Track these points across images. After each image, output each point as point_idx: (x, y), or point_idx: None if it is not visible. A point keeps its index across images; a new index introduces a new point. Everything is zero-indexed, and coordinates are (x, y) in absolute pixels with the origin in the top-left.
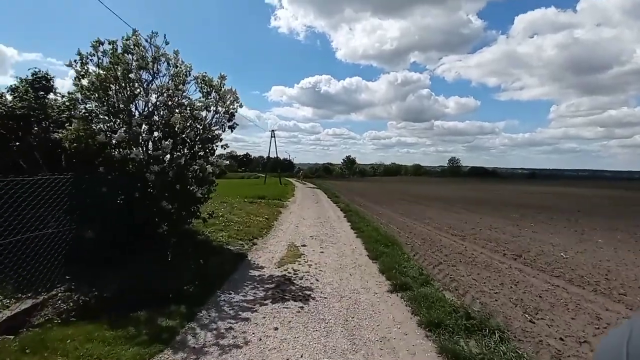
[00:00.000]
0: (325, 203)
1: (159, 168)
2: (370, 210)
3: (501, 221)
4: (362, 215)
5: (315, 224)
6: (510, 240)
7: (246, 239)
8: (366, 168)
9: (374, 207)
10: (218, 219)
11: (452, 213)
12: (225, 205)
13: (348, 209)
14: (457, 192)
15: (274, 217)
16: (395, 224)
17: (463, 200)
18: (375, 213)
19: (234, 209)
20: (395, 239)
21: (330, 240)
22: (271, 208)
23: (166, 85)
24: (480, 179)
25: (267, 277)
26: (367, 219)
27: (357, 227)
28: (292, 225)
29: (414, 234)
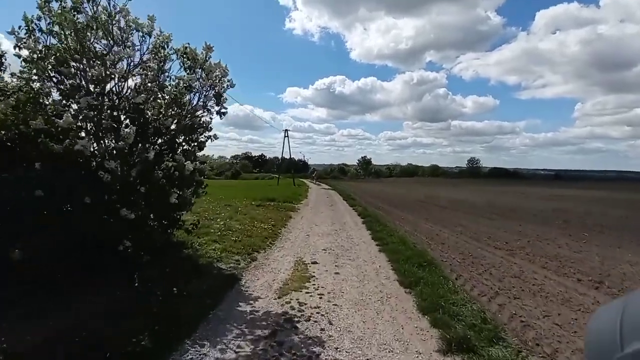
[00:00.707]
0: (341, 206)
1: (117, 165)
2: (391, 215)
3: (548, 230)
4: (383, 222)
5: (330, 233)
6: (574, 257)
7: (244, 252)
8: (382, 169)
9: (394, 211)
10: (214, 227)
11: (483, 219)
12: (229, 209)
13: (366, 213)
14: (481, 194)
15: (282, 224)
16: (422, 232)
17: (491, 204)
18: (397, 218)
19: (237, 214)
20: (429, 255)
21: (348, 255)
22: (280, 212)
23: (145, 61)
24: (502, 180)
25: (262, 315)
26: (389, 227)
27: (379, 237)
28: (302, 233)
29: (448, 247)
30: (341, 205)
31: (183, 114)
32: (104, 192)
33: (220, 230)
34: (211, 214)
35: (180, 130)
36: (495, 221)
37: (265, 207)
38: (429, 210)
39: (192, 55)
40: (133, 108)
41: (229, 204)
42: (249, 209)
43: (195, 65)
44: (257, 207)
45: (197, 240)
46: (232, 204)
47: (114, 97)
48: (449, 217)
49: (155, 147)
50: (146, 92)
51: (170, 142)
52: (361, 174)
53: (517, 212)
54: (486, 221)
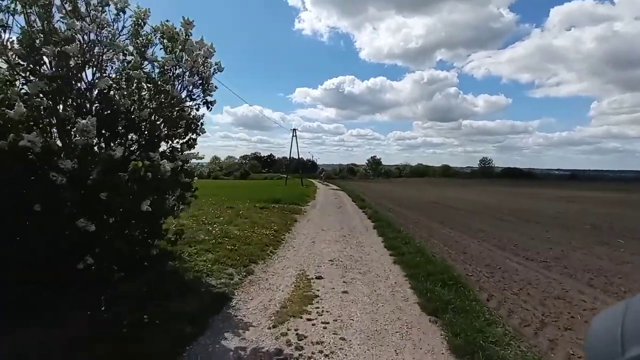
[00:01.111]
0: (350, 208)
1: (74, 164)
2: (403, 217)
3: (577, 236)
4: (396, 226)
5: (337, 239)
6: (619, 270)
7: (240, 263)
8: (391, 169)
9: (406, 213)
10: (210, 234)
11: (504, 222)
12: (229, 212)
13: (377, 216)
14: (496, 195)
15: (286, 228)
16: (439, 238)
17: (507, 205)
18: (410, 222)
19: (238, 218)
20: (453, 269)
21: (357, 267)
22: (285, 215)
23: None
24: (515, 181)
25: (250, 354)
26: (403, 233)
27: (392, 246)
28: (307, 240)
29: (471, 257)
30: (350, 207)
31: (165, 104)
32: (58, 199)
33: (216, 238)
34: (210, 217)
35: (163, 123)
36: (516, 225)
37: (269, 210)
38: (443, 213)
39: (170, 33)
40: (99, 96)
41: (231, 206)
42: (251, 211)
43: (175, 45)
44: (260, 210)
45: (187, 250)
46: (234, 205)
47: (78, 84)
48: (466, 220)
49: (129, 143)
50: (118, 77)
51: (149, 138)
52: (370, 174)
53: (537, 215)
54: (507, 225)
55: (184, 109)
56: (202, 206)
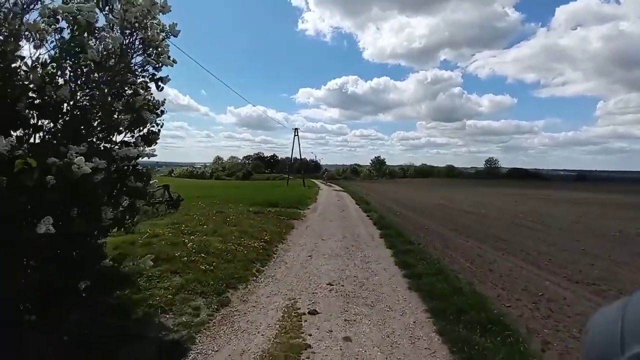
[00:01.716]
0: (353, 212)
1: None
2: (411, 223)
3: (615, 248)
4: (405, 235)
5: (339, 252)
6: None
7: (213, 290)
8: (395, 169)
9: (414, 217)
10: (184, 247)
11: (524, 229)
12: (217, 217)
13: (383, 222)
14: (505, 197)
15: (280, 238)
16: (456, 249)
17: (521, 209)
18: (419, 228)
19: (225, 225)
20: (488, 301)
21: (363, 295)
22: (281, 222)
23: None
24: (522, 182)
25: None
26: (415, 244)
27: (405, 262)
28: (303, 253)
29: (502, 278)
30: (354, 210)
31: (95, 80)
32: None
33: (190, 253)
34: (192, 225)
35: (96, 108)
36: (539, 232)
37: (263, 215)
38: (454, 217)
39: None
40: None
41: (221, 210)
42: (243, 217)
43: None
44: (254, 215)
45: (150, 271)
46: (225, 210)
47: None
48: (481, 226)
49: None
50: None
51: (67, 127)
52: (374, 175)
53: (557, 219)
54: (528, 232)
55: (123, 87)
56: (190, 211)
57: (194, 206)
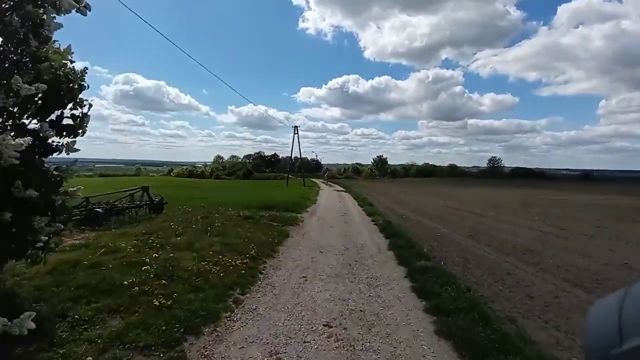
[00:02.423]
0: (356, 215)
1: None
2: (421, 228)
3: None
4: (418, 246)
5: (340, 272)
6: None
7: (161, 342)
8: (397, 168)
9: (423, 221)
10: (141, 270)
11: (550, 237)
12: (199, 225)
13: (391, 228)
14: (515, 197)
15: (271, 251)
16: (479, 263)
17: (535, 210)
18: (431, 234)
19: (206, 235)
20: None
21: (374, 344)
22: (274, 229)
23: None
24: (527, 181)
25: None
26: (431, 260)
27: (425, 289)
28: (295, 273)
29: (547, 307)
30: (356, 213)
31: None
32: None
33: (146, 280)
34: (166, 236)
35: None
36: (568, 240)
37: (255, 221)
38: (466, 221)
39: None
40: None
41: (207, 215)
42: (229, 224)
43: None
44: (243, 221)
45: (81, 310)
46: (211, 215)
47: None
48: (498, 232)
49: None
50: None
51: None
52: (376, 174)
53: (581, 223)
54: (554, 240)
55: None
56: (172, 216)
57: (179, 210)
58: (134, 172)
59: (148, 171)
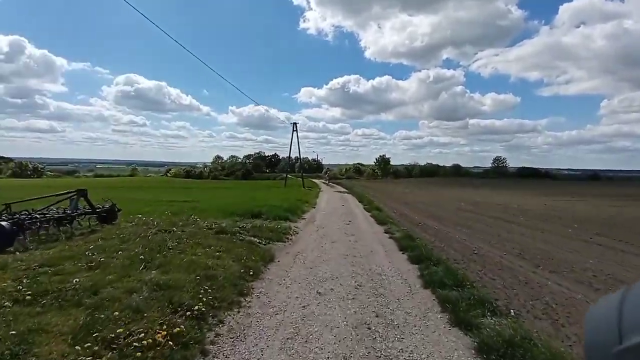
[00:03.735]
0: (364, 225)
1: None
2: (450, 242)
3: None
4: (465, 278)
5: (352, 346)
6: None
7: None
8: (399, 168)
9: (446, 231)
10: None
11: (597, 247)
12: (150, 243)
13: (414, 247)
14: (532, 199)
15: (234, 297)
16: (568, 313)
17: (559, 213)
18: (469, 256)
19: (142, 266)
20: None
21: None
22: (253, 250)
23: None
24: (535, 181)
25: None
26: (509, 320)
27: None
28: (270, 354)
29: None
30: (364, 221)
31: None
32: None
33: None
34: (75, 267)
35: None
36: (627, 255)
37: (228, 238)
38: (496, 229)
39: None
40: None
41: (166, 229)
42: (189, 244)
43: None
44: (213, 237)
45: None
46: (177, 226)
47: None
48: (554, 249)
49: None
50: None
51: None
52: (378, 174)
53: (626, 232)
54: (603, 252)
55: None
56: (118, 231)
57: (139, 219)
58: (129, 172)
59: (149, 172)
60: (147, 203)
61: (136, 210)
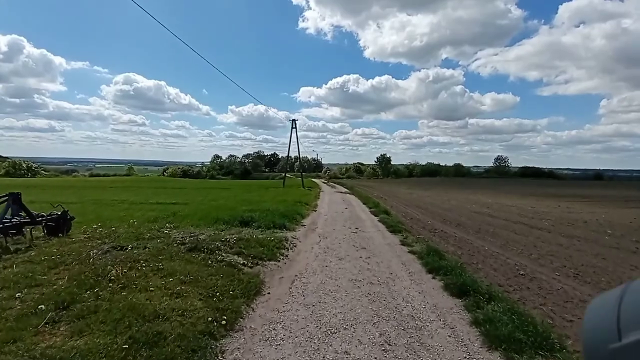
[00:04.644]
0: (375, 234)
1: None
2: (482, 257)
3: None
4: (510, 301)
5: None
6: None
7: None
8: (400, 168)
9: (473, 242)
10: None
11: None
12: (86, 272)
13: (436, 257)
14: (546, 201)
15: None
16: None
17: (585, 217)
18: (514, 278)
19: (41, 319)
20: None
21: None
22: (232, 277)
23: None
24: (539, 181)
25: None
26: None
27: None
28: None
29: None
30: (374, 229)
31: None
32: None
33: None
34: None
35: None
36: None
37: (202, 258)
38: (519, 235)
39: None
40: None
41: (121, 246)
42: (142, 271)
43: None
44: (185, 255)
45: None
46: (140, 242)
47: None
48: (590, 258)
49: None
50: None
51: None
52: (379, 174)
53: None
54: None
55: None
56: (56, 248)
57: (99, 229)
58: (125, 171)
59: (148, 171)
60: (127, 206)
61: (109, 215)
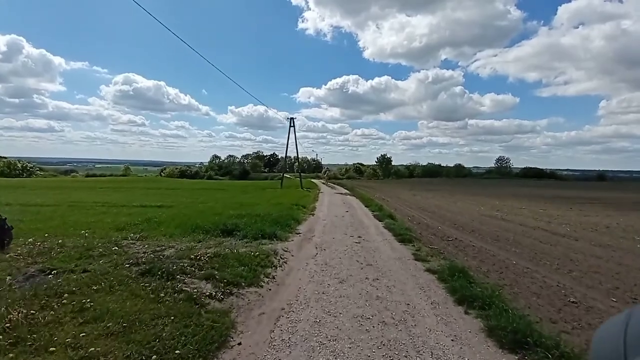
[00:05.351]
0: (382, 244)
1: None
2: (492, 262)
3: None
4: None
5: None
6: None
7: None
8: (401, 168)
9: (482, 246)
10: None
11: None
12: None
13: (462, 280)
14: (562, 204)
15: None
16: None
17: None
18: (535, 289)
19: None
20: None
21: None
22: (193, 319)
23: None
24: (542, 182)
25: None
26: None
27: None
28: None
29: None
30: (378, 236)
31: None
32: None
33: None
34: None
35: None
36: None
37: (155, 288)
38: (546, 245)
39: None
40: None
41: (65, 267)
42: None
43: None
44: (133, 283)
45: None
46: (82, 262)
47: None
48: (632, 271)
49: None
50: None
51: None
52: (380, 174)
53: None
54: None
55: None
56: None
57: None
58: (121, 171)
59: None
60: (104, 210)
61: (75, 221)
